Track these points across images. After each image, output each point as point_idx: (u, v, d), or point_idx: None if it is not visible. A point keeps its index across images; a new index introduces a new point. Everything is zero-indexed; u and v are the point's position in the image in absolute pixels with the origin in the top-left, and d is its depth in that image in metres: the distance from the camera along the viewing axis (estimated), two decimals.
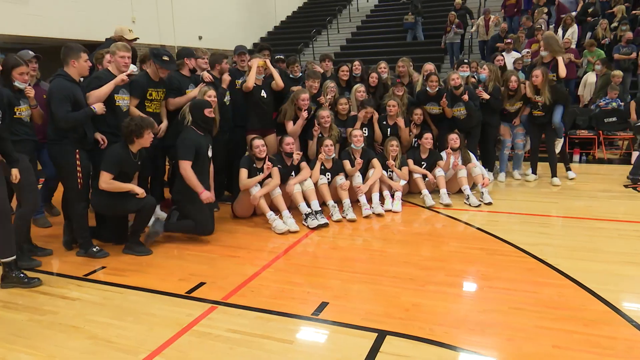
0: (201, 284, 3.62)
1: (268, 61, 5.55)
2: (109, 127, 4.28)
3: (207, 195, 4.39)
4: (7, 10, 9.11)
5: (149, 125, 4.18)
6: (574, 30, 10.24)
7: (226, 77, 5.31)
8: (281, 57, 6.47)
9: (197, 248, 4.39)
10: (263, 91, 5.48)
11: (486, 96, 6.04)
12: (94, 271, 3.93)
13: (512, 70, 6.82)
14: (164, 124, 4.86)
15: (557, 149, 6.40)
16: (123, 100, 4.40)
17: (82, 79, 4.25)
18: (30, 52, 4.74)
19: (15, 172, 3.55)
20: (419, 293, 3.35)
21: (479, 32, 11.94)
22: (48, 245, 4.42)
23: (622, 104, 7.98)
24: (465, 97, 5.79)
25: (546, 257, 3.86)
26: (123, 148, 4.13)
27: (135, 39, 5.32)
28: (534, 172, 6.53)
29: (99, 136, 4.22)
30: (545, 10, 11.19)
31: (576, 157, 7.84)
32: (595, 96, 8.85)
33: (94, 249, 4.22)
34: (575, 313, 2.99)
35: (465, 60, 6.56)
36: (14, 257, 3.63)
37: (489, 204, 5.37)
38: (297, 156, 5.06)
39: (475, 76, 6.42)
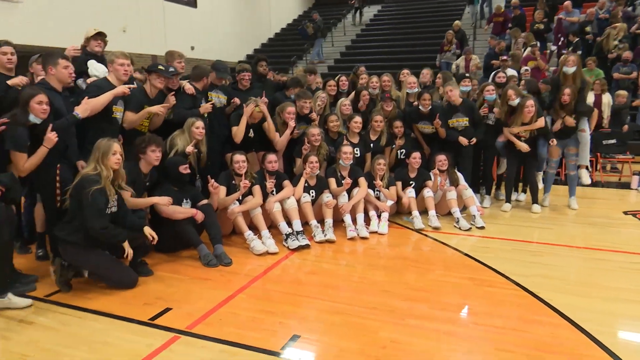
0: (167, 309, 3.36)
1: (264, 107, 5.09)
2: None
3: (200, 216, 4.27)
4: None
5: (154, 142, 4.07)
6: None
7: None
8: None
9: (168, 269, 4.13)
10: (251, 130, 5.12)
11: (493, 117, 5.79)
12: (57, 291, 3.65)
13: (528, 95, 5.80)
14: None
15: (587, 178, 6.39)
16: (120, 112, 4.17)
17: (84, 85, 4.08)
18: None
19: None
20: (398, 328, 3.09)
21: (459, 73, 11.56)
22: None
23: None
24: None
25: (539, 290, 3.59)
26: (134, 164, 4.06)
27: (99, 33, 4.70)
28: (508, 200, 5.95)
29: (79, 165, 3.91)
30: (521, 31, 11.00)
31: None
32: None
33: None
34: (569, 358, 2.73)
35: (467, 75, 6.29)
36: None
37: (482, 228, 5.11)
38: (270, 184, 4.77)
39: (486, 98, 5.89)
